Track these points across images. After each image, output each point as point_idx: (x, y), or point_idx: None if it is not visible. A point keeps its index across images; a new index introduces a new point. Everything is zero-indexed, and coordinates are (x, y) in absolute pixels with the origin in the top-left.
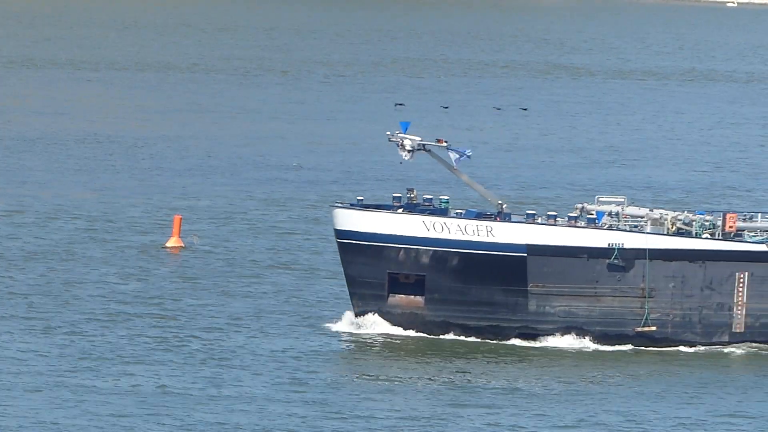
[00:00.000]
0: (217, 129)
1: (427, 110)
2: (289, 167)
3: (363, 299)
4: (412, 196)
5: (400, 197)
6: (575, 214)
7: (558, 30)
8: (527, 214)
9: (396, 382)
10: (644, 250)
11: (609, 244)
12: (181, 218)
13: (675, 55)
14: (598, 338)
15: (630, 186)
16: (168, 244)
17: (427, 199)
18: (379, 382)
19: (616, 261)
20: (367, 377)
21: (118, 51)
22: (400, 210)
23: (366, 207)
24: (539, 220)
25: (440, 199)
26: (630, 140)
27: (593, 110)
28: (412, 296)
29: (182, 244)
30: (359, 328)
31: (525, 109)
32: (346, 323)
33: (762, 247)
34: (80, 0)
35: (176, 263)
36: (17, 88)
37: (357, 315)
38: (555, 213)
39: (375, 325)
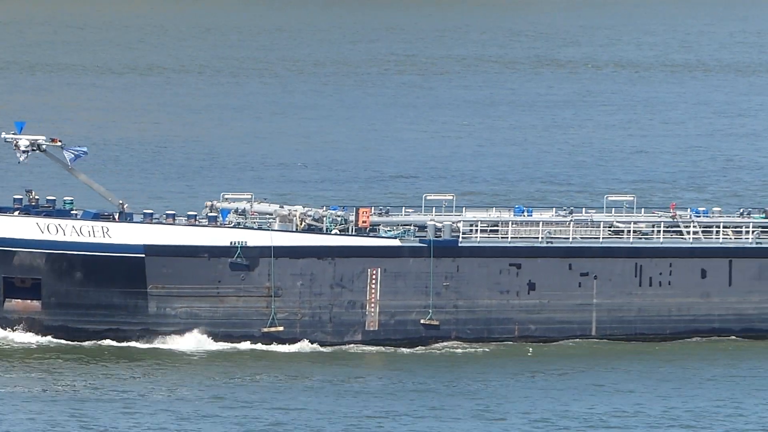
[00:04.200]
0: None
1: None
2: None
3: None
4: (32, 197)
5: (21, 199)
6: (205, 213)
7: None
8: (144, 213)
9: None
10: (269, 248)
11: (231, 243)
12: None
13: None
14: (223, 339)
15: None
16: None
17: (49, 200)
18: None
19: (239, 260)
20: None
21: (105, 54)
22: (15, 212)
23: None
24: (166, 221)
25: (64, 200)
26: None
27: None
28: (29, 301)
29: None
30: None
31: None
32: None
33: (395, 242)
34: (66, 5)
35: None
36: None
37: None
38: (173, 212)
39: None
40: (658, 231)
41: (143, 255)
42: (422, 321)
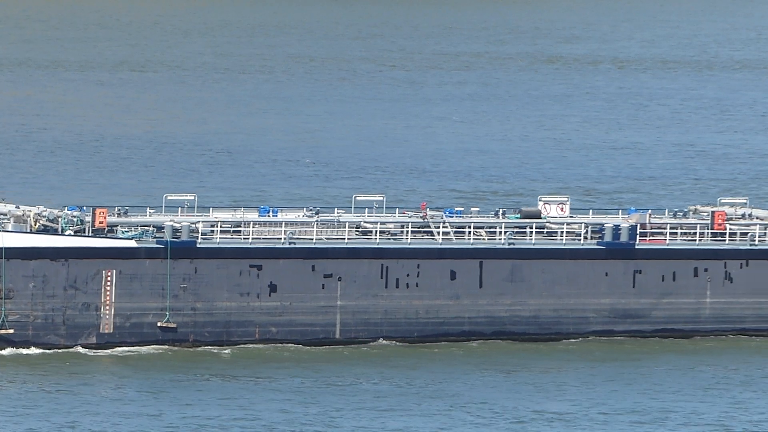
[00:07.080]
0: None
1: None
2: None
3: None
4: None
5: None
6: None
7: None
8: None
9: None
10: (0, 249)
11: None
12: None
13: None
14: None
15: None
16: None
17: None
18: None
19: None
20: None
21: (108, 51)
22: None
23: None
24: None
25: None
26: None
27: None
28: None
29: None
30: None
31: None
32: None
33: (131, 243)
34: (67, 1)
35: None
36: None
37: None
38: None
39: None
40: (407, 231)
41: None
42: (159, 323)
